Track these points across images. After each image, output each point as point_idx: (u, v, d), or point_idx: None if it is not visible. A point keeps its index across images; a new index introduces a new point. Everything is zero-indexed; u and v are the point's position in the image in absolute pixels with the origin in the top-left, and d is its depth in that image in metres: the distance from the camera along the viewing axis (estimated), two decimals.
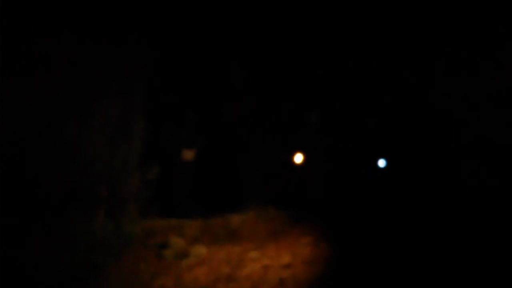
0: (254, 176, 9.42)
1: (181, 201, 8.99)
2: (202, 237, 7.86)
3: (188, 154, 9.29)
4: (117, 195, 7.43)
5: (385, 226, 7.61)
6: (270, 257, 6.80)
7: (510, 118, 7.03)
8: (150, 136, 8.16)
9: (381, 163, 9.23)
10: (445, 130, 7.97)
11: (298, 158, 9.73)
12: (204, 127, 9.64)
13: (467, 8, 7.59)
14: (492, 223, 6.77)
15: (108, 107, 7.16)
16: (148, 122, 8.05)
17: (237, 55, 9.83)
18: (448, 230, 6.95)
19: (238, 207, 8.84)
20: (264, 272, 6.27)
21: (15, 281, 5.73)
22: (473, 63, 7.51)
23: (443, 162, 8.00)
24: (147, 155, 7.94)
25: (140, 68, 7.92)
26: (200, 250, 7.15)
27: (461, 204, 7.27)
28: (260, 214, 8.62)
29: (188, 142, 9.31)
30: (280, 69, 9.76)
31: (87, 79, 6.96)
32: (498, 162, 7.16)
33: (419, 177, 8.38)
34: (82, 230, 6.97)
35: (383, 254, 6.53)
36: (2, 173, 6.12)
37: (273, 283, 5.87)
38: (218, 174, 9.57)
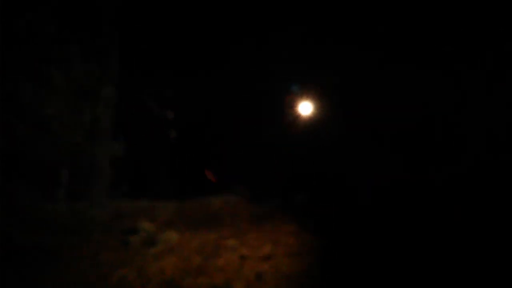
0: (235, 155, 8.51)
1: (154, 180, 8.13)
2: (176, 222, 7.06)
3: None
4: (80, 172, 6.60)
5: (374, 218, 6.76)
6: (249, 246, 6.00)
7: None
8: (120, 106, 7.25)
9: None
10: None
11: (306, 108, 8.25)
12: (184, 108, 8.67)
13: None
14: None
15: (68, 68, 6.25)
16: (119, 90, 7.13)
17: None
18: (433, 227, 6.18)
19: (219, 189, 8.01)
20: (241, 264, 5.47)
21: None
22: None
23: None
24: (115, 127, 7.06)
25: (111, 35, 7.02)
26: (171, 236, 6.35)
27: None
28: (242, 198, 7.79)
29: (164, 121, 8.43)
30: None
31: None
32: None
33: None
34: (37, 212, 6.16)
35: (372, 247, 5.72)
36: None
37: (249, 278, 5.06)
38: (197, 154, 8.65)
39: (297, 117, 8.35)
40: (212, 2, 8.52)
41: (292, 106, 8.35)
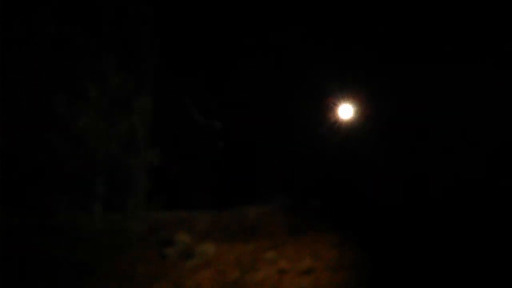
0: (273, 163, 8.22)
1: (191, 191, 7.98)
2: (212, 233, 6.90)
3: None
4: (116, 184, 6.57)
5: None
6: (289, 259, 5.74)
7: None
8: (158, 115, 7.18)
9: None
10: None
11: (346, 111, 7.82)
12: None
13: None
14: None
15: (103, 79, 6.25)
16: (158, 99, 7.08)
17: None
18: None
19: (256, 199, 7.79)
20: (280, 278, 5.23)
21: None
22: None
23: None
24: (152, 138, 7.00)
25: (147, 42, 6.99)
26: (208, 248, 6.19)
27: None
28: (280, 207, 7.54)
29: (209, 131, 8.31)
30: None
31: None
32: None
33: None
34: (74, 225, 6.17)
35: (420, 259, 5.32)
36: None
37: None
38: (233, 162, 8.45)
39: (333, 123, 8.05)
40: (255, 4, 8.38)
41: (329, 111, 8.06)
